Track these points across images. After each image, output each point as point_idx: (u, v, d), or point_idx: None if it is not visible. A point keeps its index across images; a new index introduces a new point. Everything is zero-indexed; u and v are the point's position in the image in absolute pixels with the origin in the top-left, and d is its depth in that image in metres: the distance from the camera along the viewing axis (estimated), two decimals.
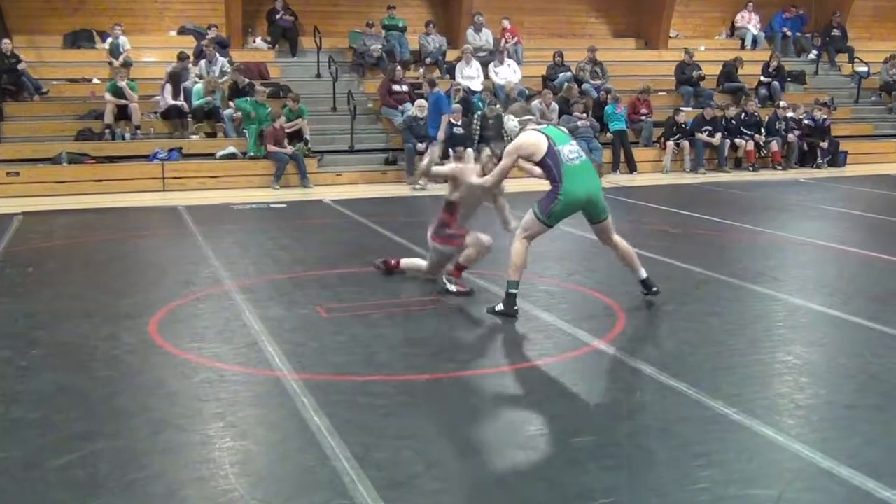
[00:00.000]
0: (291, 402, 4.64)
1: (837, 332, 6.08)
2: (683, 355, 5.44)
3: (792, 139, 17.21)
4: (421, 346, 5.61)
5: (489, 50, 17.95)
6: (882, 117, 19.93)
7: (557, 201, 6.19)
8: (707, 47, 20.60)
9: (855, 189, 14.33)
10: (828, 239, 9.54)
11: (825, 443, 4.13)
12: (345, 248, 8.97)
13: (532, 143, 6.27)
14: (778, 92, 18.81)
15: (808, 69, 20.59)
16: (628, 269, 6.66)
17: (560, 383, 5.05)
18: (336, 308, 6.50)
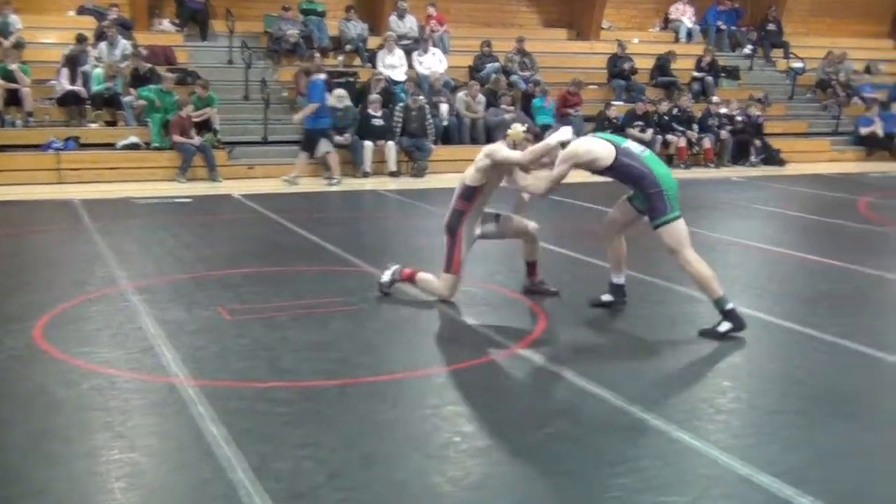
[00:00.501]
0: (187, 410, 4.58)
1: (764, 336, 6.21)
2: (604, 359, 5.51)
3: (725, 136, 17.58)
4: (328, 350, 5.58)
5: (413, 38, 17.96)
6: (816, 115, 20.50)
7: (664, 192, 5.96)
8: (640, 40, 20.94)
9: (788, 188, 14.71)
10: (759, 239, 9.77)
11: (744, 449, 4.22)
12: (253, 246, 8.88)
13: (598, 149, 6.03)
14: (711, 87, 19.22)
15: (742, 64, 21.08)
16: (616, 269, 6.66)
17: (475, 389, 5.06)
18: (239, 309, 6.44)
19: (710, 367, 5.45)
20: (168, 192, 12.52)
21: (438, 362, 5.55)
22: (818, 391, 5.07)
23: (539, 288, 7.06)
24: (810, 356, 5.71)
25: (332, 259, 8.33)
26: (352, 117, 14.84)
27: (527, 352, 5.63)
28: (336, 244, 8.88)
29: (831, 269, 8.37)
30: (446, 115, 16.05)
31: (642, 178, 5.98)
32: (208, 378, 5.04)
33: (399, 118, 15.15)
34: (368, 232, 10.10)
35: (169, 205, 11.52)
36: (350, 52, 17.58)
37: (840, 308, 6.93)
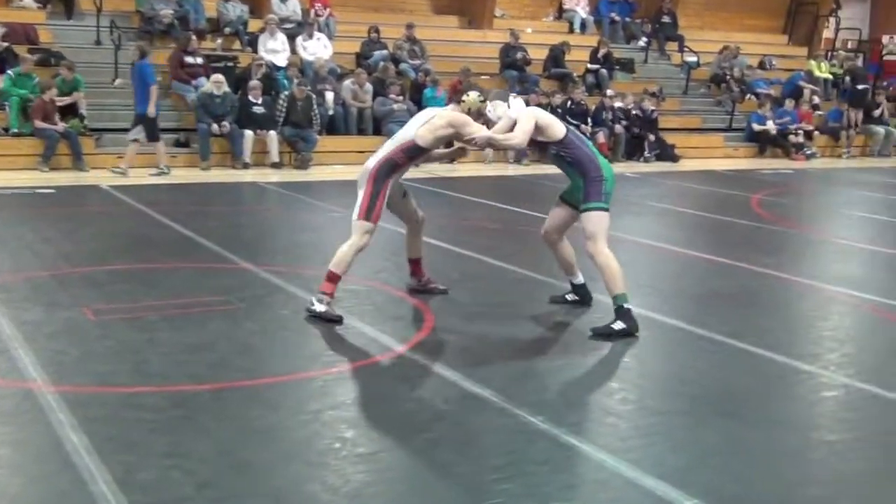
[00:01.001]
0: (45, 417, 4.46)
1: (652, 335, 6.39)
2: (492, 361, 5.58)
3: (619, 131, 17.96)
4: (202, 353, 5.51)
5: (297, 21, 17.81)
6: (710, 110, 21.13)
7: (604, 179, 6.22)
8: (534, 29, 21.20)
9: (681, 185, 15.13)
10: (650, 237, 10.03)
11: (632, 451, 4.35)
12: (122, 242, 8.69)
13: (546, 117, 6.32)
14: (606, 80, 19.60)
15: (637, 57, 21.56)
16: (568, 271, 6.81)
17: (357, 393, 5.08)
18: (105, 310, 6.30)
19: (600, 369, 5.58)
20: (28, 183, 12.13)
21: (320, 365, 5.53)
22: (706, 391, 5.25)
23: (426, 287, 7.10)
24: (699, 356, 5.90)
25: (208, 255, 8.21)
26: (230, 104, 14.64)
27: (412, 353, 5.67)
28: (212, 239, 8.76)
29: (721, 266, 8.66)
30: (332, 104, 15.98)
31: (590, 161, 6.24)
32: (69, 383, 4.92)
33: (283, 107, 15.00)
34: (248, 226, 9.98)
35: (29, 196, 11.16)
36: (229, 36, 17.30)
37: (729, 307, 7.18)
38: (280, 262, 8.07)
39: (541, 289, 7.43)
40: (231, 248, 8.44)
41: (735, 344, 6.12)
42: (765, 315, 7.04)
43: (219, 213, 10.72)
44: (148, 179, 12.93)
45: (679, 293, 7.65)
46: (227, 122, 14.44)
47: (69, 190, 11.90)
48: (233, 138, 14.51)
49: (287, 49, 16.83)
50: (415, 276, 7.13)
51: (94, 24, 16.47)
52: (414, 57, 18.08)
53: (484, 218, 10.90)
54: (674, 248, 9.47)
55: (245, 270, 7.62)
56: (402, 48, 18.08)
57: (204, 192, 12.44)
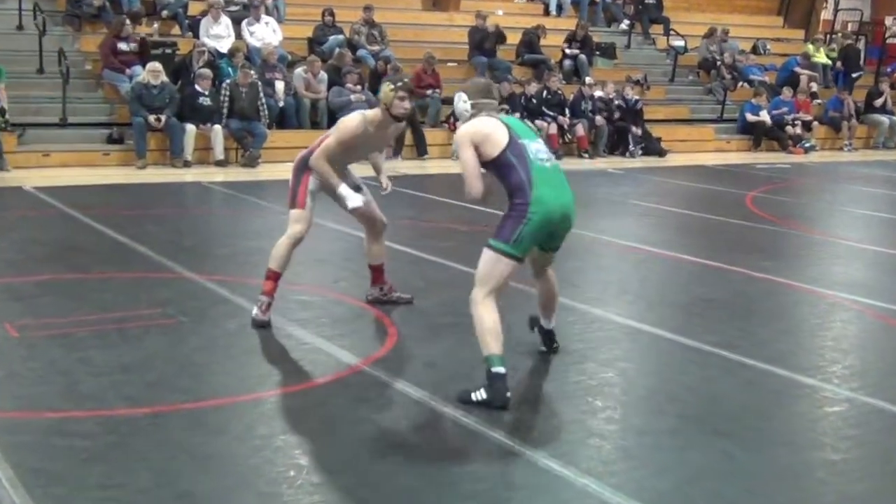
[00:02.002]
0: None
1: (637, 347, 6.44)
2: (461, 377, 5.57)
3: (600, 122, 18.05)
4: (138, 373, 5.49)
5: (242, 3, 17.77)
6: (699, 99, 21.32)
7: (528, 219, 5.30)
8: (505, 11, 21.30)
9: (669, 181, 15.25)
10: (634, 239, 10.10)
11: (615, 475, 4.38)
12: (47, 250, 8.62)
13: (488, 130, 5.41)
14: (585, 67, 19.71)
15: (618, 41, 21.71)
16: (541, 310, 6.08)
17: (313, 415, 5.07)
18: (30, 325, 6.26)
19: (581, 385, 5.60)
20: None
21: (270, 384, 5.52)
22: (694, 408, 5.29)
23: (389, 296, 7.11)
24: (688, 369, 5.95)
25: (145, 264, 8.17)
26: (168, 96, 14.56)
27: (373, 370, 5.67)
28: (150, 246, 8.72)
29: (712, 271, 8.73)
30: (282, 94, 15.95)
31: (517, 188, 5.37)
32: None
33: (226, 96, 14.95)
34: (189, 231, 9.94)
35: None
36: (167, 20, 17.24)
37: (721, 315, 7.24)
38: (226, 270, 8.04)
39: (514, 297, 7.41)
40: (171, 255, 8.41)
41: (728, 356, 6.17)
42: (761, 324, 7.10)
43: (157, 216, 10.67)
44: (78, 180, 12.84)
45: (666, 300, 7.71)
46: (166, 115, 14.35)
47: None
48: (172, 133, 14.43)
49: (232, 34, 16.79)
50: (375, 284, 7.14)
51: (15, 7, 16.34)
52: (373, 42, 18.09)
53: (451, 219, 10.92)
54: (660, 250, 9.53)
55: (186, 280, 7.59)
56: (359, 33, 18.09)
57: (140, 193, 12.37)
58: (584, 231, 10.39)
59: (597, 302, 7.39)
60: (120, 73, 15.28)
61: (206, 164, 14.66)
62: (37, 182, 12.39)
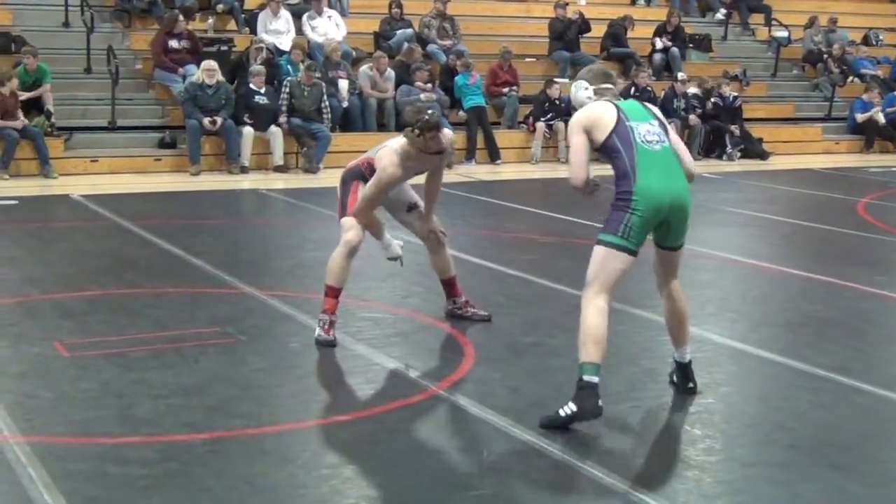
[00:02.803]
0: (13, 474, 4.51)
1: (740, 370, 6.38)
2: (546, 402, 5.56)
3: (694, 122, 17.92)
4: (196, 396, 5.55)
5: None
6: (805, 95, 21.09)
7: (633, 209, 5.31)
8: (589, 2, 21.25)
9: (771, 187, 15.08)
10: (735, 251, 10.01)
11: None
12: (97, 263, 8.79)
13: (598, 114, 5.49)
14: (677, 61, 19.58)
15: (714, 33, 21.54)
16: (671, 337, 5.90)
17: (385, 442, 5.09)
18: (82, 344, 6.36)
19: (678, 412, 5.56)
20: None
21: (338, 409, 5.56)
22: (805, 438, 5.22)
23: (464, 312, 7.13)
24: (795, 394, 5.88)
25: (201, 278, 8.28)
26: (224, 96, 14.75)
27: (450, 394, 5.68)
28: (206, 259, 8.84)
29: (822, 286, 8.62)
30: (346, 94, 16.07)
31: (622, 176, 5.39)
32: (42, 433, 4.97)
33: (287, 96, 15.10)
34: (247, 243, 10.05)
35: None
36: (222, 14, 17.48)
37: (833, 335, 7.15)
38: (287, 285, 8.13)
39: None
40: (228, 268, 8.52)
41: (841, 380, 6.09)
42: (877, 345, 7.01)
43: (213, 226, 10.82)
44: (128, 187, 13.06)
45: (771, 319, 7.62)
46: (222, 118, 14.54)
47: (35, 200, 12.06)
48: (228, 137, 14.62)
49: (292, 30, 16.97)
50: (450, 298, 7.17)
51: (61, 3, 16.69)
52: (444, 36, 18.16)
53: (532, 229, 10.91)
54: (763, 263, 9.44)
55: (245, 295, 7.67)
56: (429, 26, 18.17)
57: (195, 201, 12.54)
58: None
59: (694, 320, 7.23)
60: (172, 73, 15.53)
61: (264, 170, 14.83)
62: (85, 189, 12.63)
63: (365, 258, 7.20)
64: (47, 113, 14.28)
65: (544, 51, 19.20)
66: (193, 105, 14.56)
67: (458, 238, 9.34)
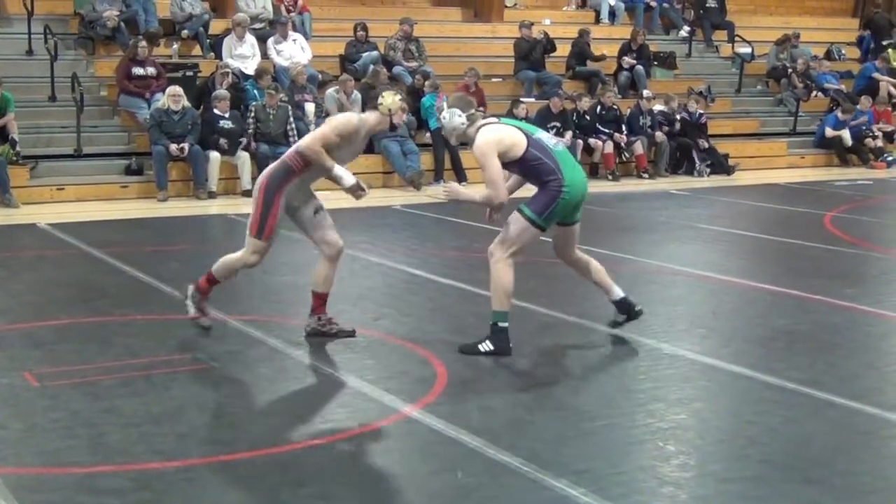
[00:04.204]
0: None
1: (712, 386, 6.41)
2: (519, 422, 5.59)
3: (661, 138, 18.00)
4: (168, 424, 5.53)
5: (267, 20, 17.97)
6: (770, 111, 21.25)
7: (562, 196, 6.55)
8: (553, 21, 21.37)
9: (738, 202, 15.18)
10: (704, 267, 10.06)
11: None
12: (66, 291, 8.73)
13: (507, 135, 6.57)
14: (642, 78, 19.70)
15: (678, 50, 21.68)
16: (601, 288, 7.19)
17: (357, 465, 5.10)
18: (51, 374, 6.34)
19: (651, 428, 5.58)
20: None
21: (311, 434, 5.55)
22: (778, 453, 5.25)
23: (330, 329, 7.15)
24: (767, 409, 5.91)
25: (171, 305, 8.24)
26: (191, 122, 14.72)
27: (424, 416, 5.68)
28: (175, 285, 8.77)
29: (791, 300, 8.68)
30: (313, 117, 16.07)
31: (548, 174, 6.56)
32: (11, 464, 4.95)
33: (252, 119, 15.09)
34: None
35: None
36: (187, 40, 17.47)
37: (803, 348, 7.21)
38: (258, 310, 8.11)
39: (573, 333, 7.46)
40: None
41: (813, 393, 6.13)
42: (847, 358, 7.05)
43: (181, 252, 10.78)
44: (95, 215, 13.00)
45: (741, 334, 7.67)
46: (188, 143, 14.51)
47: (0, 230, 11.97)
48: (195, 162, 14.58)
49: (257, 54, 16.97)
50: (316, 314, 7.16)
51: (24, 31, 16.61)
52: (410, 58, 18.21)
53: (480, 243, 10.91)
54: (733, 279, 9.49)
55: (216, 322, 7.64)
56: (395, 48, 18.22)
57: (162, 227, 12.50)
58: (648, 259, 10.41)
59: (665, 336, 7.37)
60: (138, 99, 15.46)
61: (232, 195, 14.80)
62: (51, 218, 12.56)
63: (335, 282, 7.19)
64: (12, 142, 14.19)
65: (510, 70, 19.28)
66: (159, 131, 14.49)
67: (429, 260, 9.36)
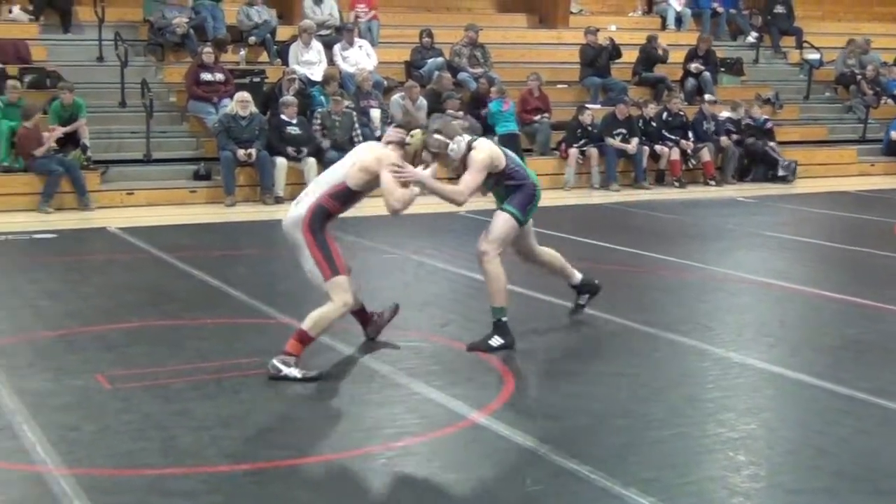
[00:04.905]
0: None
1: (781, 395, 6.35)
2: (587, 429, 5.58)
3: (726, 144, 17.85)
4: (238, 427, 5.59)
5: (334, 27, 18.08)
6: (838, 118, 20.98)
7: (535, 197, 7.25)
8: (619, 27, 21.29)
9: (806, 210, 15.01)
10: (771, 275, 9.96)
11: None
12: (136, 295, 8.84)
13: (494, 153, 7.10)
14: (709, 85, 19.55)
15: (745, 56, 21.52)
16: (563, 276, 7.85)
17: (425, 471, 5.10)
18: (123, 376, 6.41)
19: (720, 437, 5.54)
20: (24, 226, 12.41)
21: (379, 439, 5.55)
22: (849, 464, 5.19)
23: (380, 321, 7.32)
24: (836, 419, 5.84)
25: (240, 309, 8.33)
26: (258, 127, 14.85)
27: (491, 422, 5.68)
28: (243, 290, 8.89)
29: (861, 309, 8.58)
30: (378, 122, 16.15)
31: (521, 178, 7.21)
32: (85, 465, 5.01)
33: (319, 126, 15.19)
34: (284, 274, 10.05)
35: (25, 242, 11.42)
36: (254, 46, 17.62)
37: (873, 358, 7.12)
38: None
39: (640, 341, 7.42)
40: (266, 299, 8.57)
41: (883, 404, 6.06)
42: None
43: (249, 257, 10.88)
44: (164, 219, 13.15)
45: (811, 343, 7.59)
46: (255, 149, 14.63)
47: (73, 234, 12.15)
48: (262, 168, 14.71)
49: (324, 60, 17.07)
50: (367, 325, 7.31)
51: (95, 38, 16.87)
52: (475, 64, 18.22)
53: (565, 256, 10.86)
54: (800, 287, 9.39)
55: (283, 326, 7.69)
56: (460, 54, 18.24)
57: (230, 232, 12.63)
58: (715, 267, 10.33)
59: (733, 345, 7.31)
60: (206, 104, 15.63)
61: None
62: (121, 222, 12.73)
63: (402, 288, 7.24)
64: (83, 147, 14.40)
65: (575, 77, 19.23)
66: (227, 136, 14.64)
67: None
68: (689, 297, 8.94)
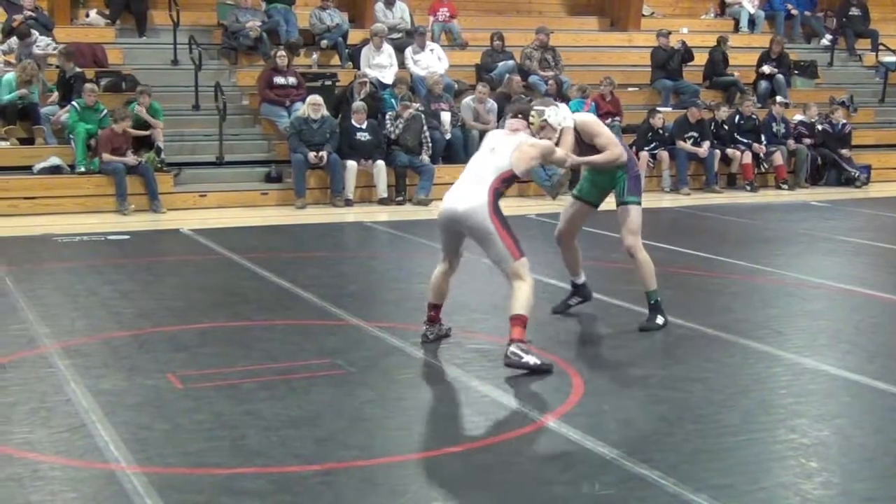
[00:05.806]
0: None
1: (855, 402, 6.24)
2: (657, 434, 5.52)
3: (800, 149, 17.64)
4: (307, 428, 5.60)
5: (405, 30, 18.13)
6: None
7: (640, 178, 7.75)
8: (691, 29, 21.11)
9: (881, 214, 14.78)
10: (846, 280, 9.82)
11: None
12: (208, 296, 8.93)
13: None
14: (783, 88, 19.34)
15: (820, 59, 21.25)
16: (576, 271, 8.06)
17: (493, 474, 5.07)
18: (194, 376, 6.47)
19: (793, 444, 5.46)
20: (98, 227, 12.57)
21: (447, 441, 5.54)
22: None
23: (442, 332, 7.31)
24: None
25: (309, 310, 8.37)
26: (329, 130, 14.93)
27: (560, 426, 5.65)
28: (313, 291, 8.93)
29: None
30: (449, 126, 16.16)
31: (630, 156, 7.63)
32: (156, 464, 5.05)
33: (392, 129, 15.23)
34: (354, 275, 10.15)
35: (100, 243, 11.57)
36: (326, 50, 17.72)
37: None
38: (395, 317, 8.17)
39: (712, 346, 7.34)
40: (336, 301, 8.60)
41: None
42: None
43: (319, 259, 10.94)
44: (236, 221, 13.26)
45: (886, 349, 7.46)
46: (326, 152, 14.71)
47: (146, 235, 12.31)
48: (333, 170, 14.79)
49: (395, 63, 17.12)
50: (433, 323, 7.28)
51: (170, 42, 17.08)
52: (546, 67, 18.16)
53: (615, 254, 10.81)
54: (876, 292, 9.23)
55: (353, 328, 7.73)
56: (531, 57, 18.21)
57: (300, 234, 12.70)
58: (788, 272, 10.20)
59: (806, 351, 7.21)
60: (278, 108, 15.76)
61: (368, 203, 14.95)
62: (194, 224, 12.86)
63: (471, 291, 7.23)
64: (157, 149, 14.57)
65: (646, 80, 19.12)
66: (299, 139, 14.76)
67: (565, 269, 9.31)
68: (760, 302, 8.82)
